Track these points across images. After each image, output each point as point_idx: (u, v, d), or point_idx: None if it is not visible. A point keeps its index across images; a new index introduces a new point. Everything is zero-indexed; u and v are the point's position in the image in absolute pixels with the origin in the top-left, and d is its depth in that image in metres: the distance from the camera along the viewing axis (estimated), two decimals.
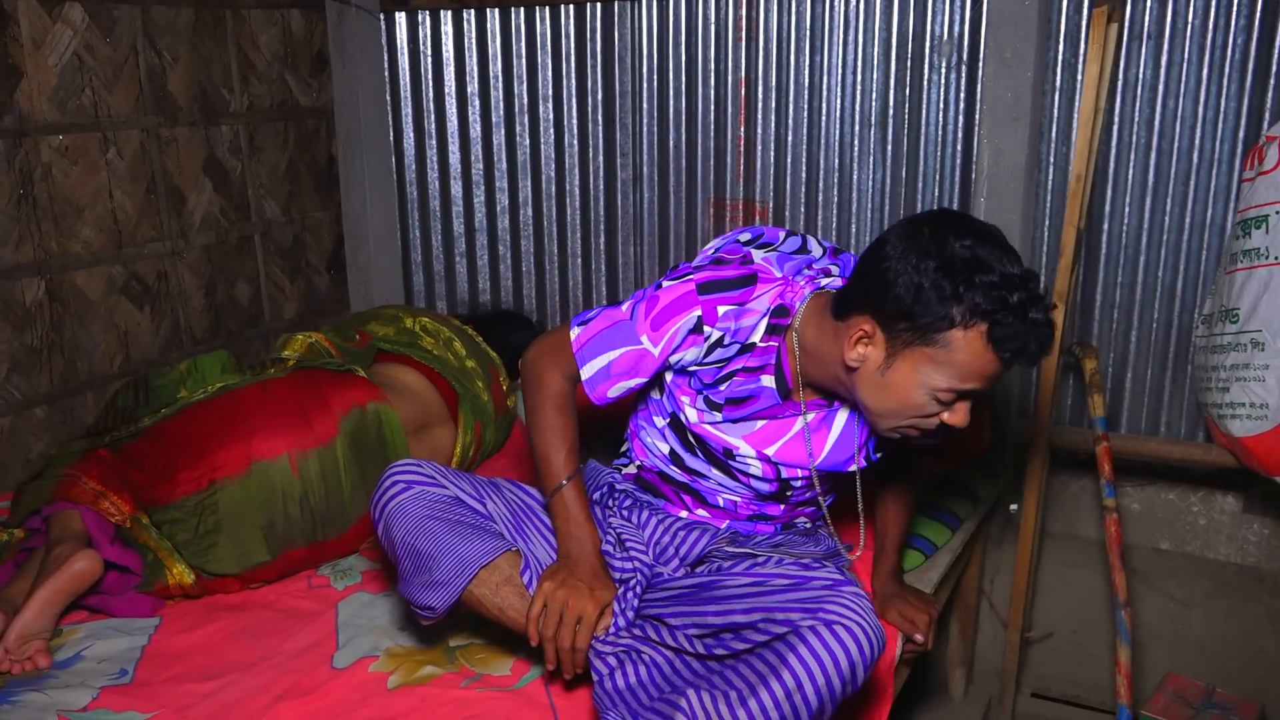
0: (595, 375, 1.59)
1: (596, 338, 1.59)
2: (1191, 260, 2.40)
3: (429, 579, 1.53)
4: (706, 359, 1.57)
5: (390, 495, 1.59)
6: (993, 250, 1.37)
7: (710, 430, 1.63)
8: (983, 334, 1.35)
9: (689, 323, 1.53)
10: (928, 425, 1.47)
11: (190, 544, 1.86)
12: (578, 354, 1.60)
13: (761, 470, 1.65)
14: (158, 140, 2.60)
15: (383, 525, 1.59)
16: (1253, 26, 2.24)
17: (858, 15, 2.58)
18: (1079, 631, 2.57)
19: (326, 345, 2.21)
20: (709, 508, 1.73)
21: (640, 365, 1.58)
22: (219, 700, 1.58)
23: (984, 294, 1.34)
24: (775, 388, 1.59)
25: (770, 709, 1.34)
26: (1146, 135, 2.40)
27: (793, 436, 1.63)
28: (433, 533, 1.54)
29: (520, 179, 3.06)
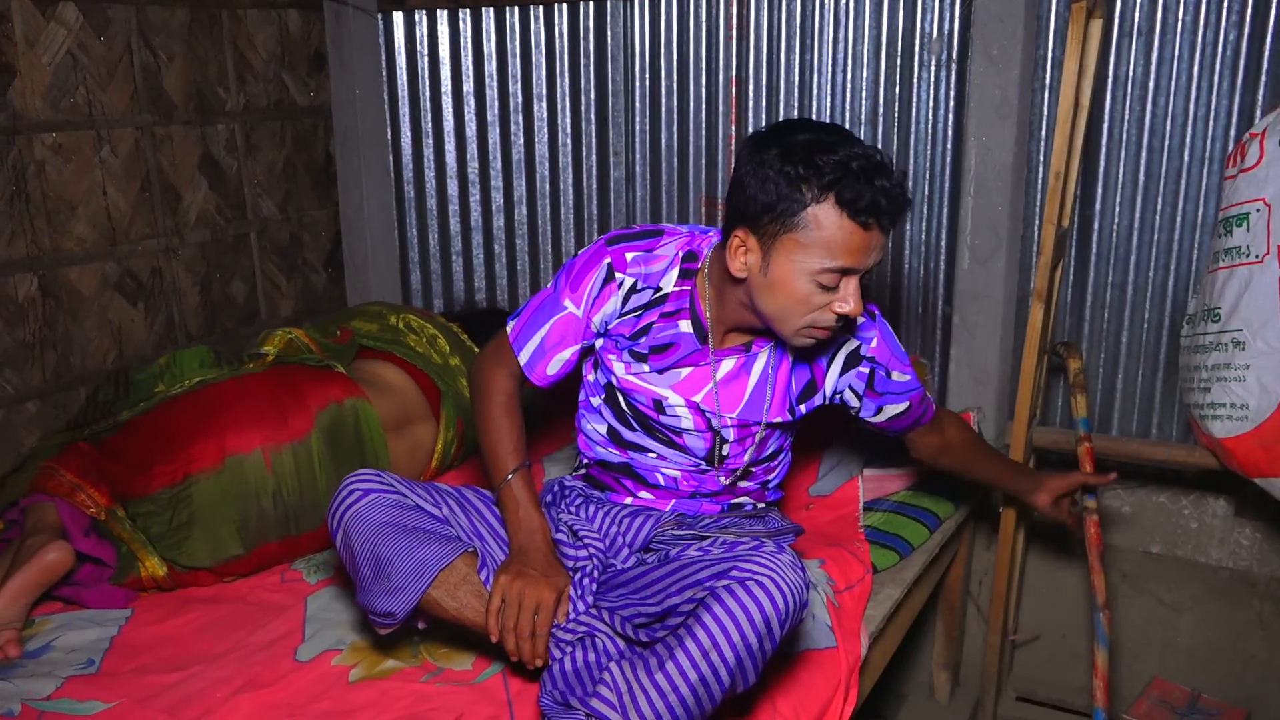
0: (532, 356, 1.68)
1: (528, 321, 1.69)
2: (1183, 260, 2.36)
3: (387, 585, 1.54)
4: (624, 310, 1.64)
5: (348, 504, 1.60)
6: (831, 135, 1.45)
7: (638, 382, 1.67)
8: (834, 204, 1.42)
9: (601, 273, 1.63)
10: (825, 320, 1.51)
11: (164, 537, 1.88)
12: (514, 343, 1.69)
13: (692, 421, 1.67)
14: (152, 138, 2.63)
15: (341, 534, 1.60)
16: (1244, 24, 2.21)
17: (848, 13, 2.57)
18: (1067, 635, 2.53)
19: (306, 341, 2.23)
20: (650, 488, 1.74)
21: (569, 330, 1.66)
22: (180, 691, 1.60)
23: (829, 168, 1.41)
24: (693, 332, 1.64)
25: (688, 669, 1.35)
26: (1137, 133, 2.37)
27: (716, 383, 1.66)
28: (390, 539, 1.55)
29: (515, 178, 3.07)
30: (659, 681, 1.36)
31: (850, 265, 1.46)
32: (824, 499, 2.17)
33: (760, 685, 1.48)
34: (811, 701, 1.57)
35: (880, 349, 1.69)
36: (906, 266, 2.63)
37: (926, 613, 2.49)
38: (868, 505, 2.12)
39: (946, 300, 2.58)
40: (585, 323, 1.65)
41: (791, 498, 2.17)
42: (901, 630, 2.05)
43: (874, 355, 1.68)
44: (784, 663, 1.60)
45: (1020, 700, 2.45)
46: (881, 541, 2.00)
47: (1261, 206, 1.83)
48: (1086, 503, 2.11)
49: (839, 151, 1.42)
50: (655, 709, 1.36)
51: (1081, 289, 2.48)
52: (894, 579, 1.95)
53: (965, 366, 2.50)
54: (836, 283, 1.47)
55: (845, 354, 1.69)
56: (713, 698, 1.37)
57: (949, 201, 2.56)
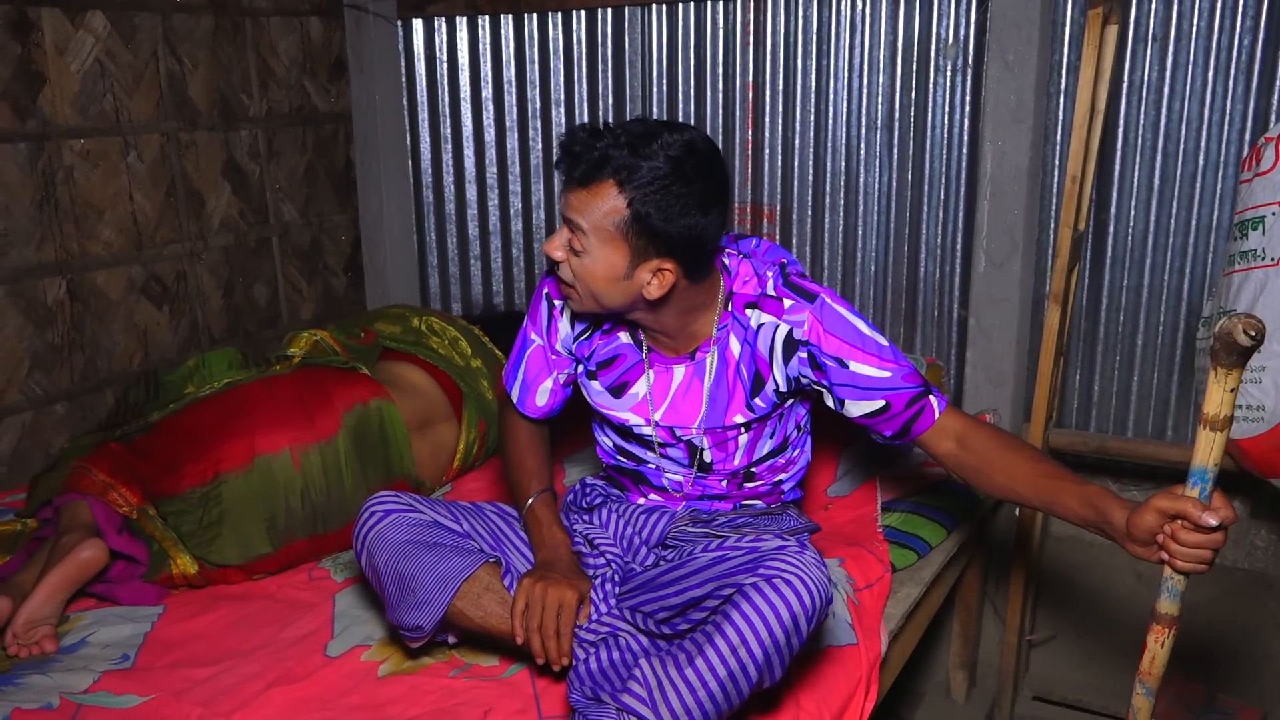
0: (520, 392, 1.81)
1: (513, 361, 1.82)
2: (1197, 263, 2.38)
3: (413, 600, 1.58)
4: (577, 333, 1.73)
5: (370, 525, 1.64)
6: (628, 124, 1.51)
7: (605, 409, 1.74)
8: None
9: (544, 304, 1.74)
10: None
11: (194, 535, 1.92)
12: (505, 382, 1.83)
13: (659, 436, 1.71)
14: (177, 144, 2.67)
15: (365, 556, 1.64)
16: (1258, 29, 2.23)
17: (864, 19, 2.60)
18: (1083, 635, 2.55)
19: (332, 343, 2.26)
20: (659, 491, 1.79)
21: (541, 362, 1.77)
22: (214, 685, 1.63)
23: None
24: (630, 340, 1.70)
25: (717, 665, 1.38)
26: (1152, 137, 2.39)
27: (672, 396, 1.69)
28: (413, 555, 1.60)
29: (533, 183, 3.10)
30: (689, 677, 1.38)
31: (566, 217, 1.53)
32: (842, 499, 2.19)
33: (784, 681, 1.50)
34: (834, 697, 1.59)
35: (814, 331, 1.60)
36: (922, 269, 2.65)
37: (943, 613, 2.51)
38: (885, 506, 2.14)
39: (962, 304, 2.61)
40: (552, 351, 1.75)
41: (810, 498, 2.19)
42: (920, 629, 2.07)
43: (807, 338, 1.60)
44: (807, 659, 1.62)
45: (1036, 700, 2.47)
46: (900, 541, 2.02)
47: (1277, 210, 1.85)
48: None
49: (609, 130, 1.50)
50: (685, 704, 1.38)
51: (1097, 292, 2.50)
52: (912, 578, 1.97)
53: (981, 369, 2.52)
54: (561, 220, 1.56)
55: (781, 340, 1.62)
56: (740, 693, 1.40)
57: (964, 205, 2.58)
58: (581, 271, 1.54)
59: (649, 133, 1.47)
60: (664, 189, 1.45)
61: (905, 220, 2.65)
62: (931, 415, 1.62)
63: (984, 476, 1.60)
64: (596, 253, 1.51)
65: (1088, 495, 1.44)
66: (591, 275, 1.53)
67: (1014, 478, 1.55)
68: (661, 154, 1.45)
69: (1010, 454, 1.57)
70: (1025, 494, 1.55)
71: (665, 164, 1.45)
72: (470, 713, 1.55)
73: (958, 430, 1.62)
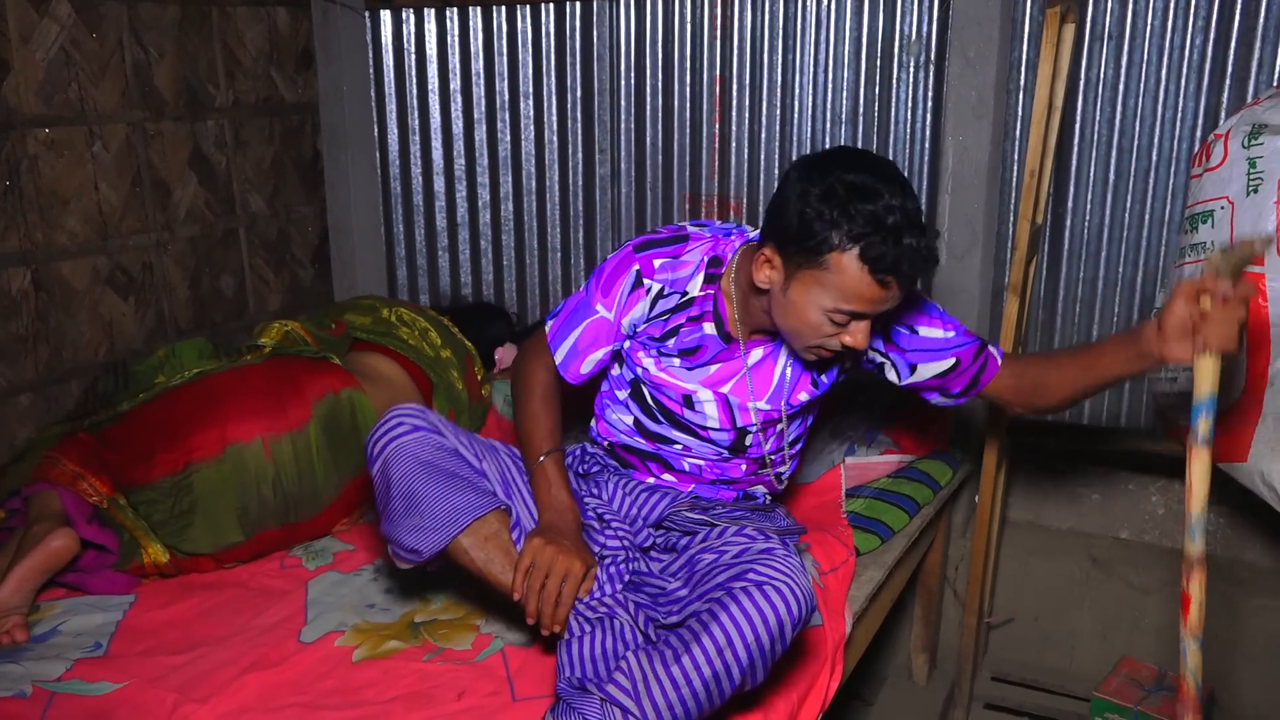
0: (566, 356, 1.76)
1: (563, 323, 1.77)
2: (1151, 255, 2.46)
3: (419, 523, 1.57)
4: (652, 314, 1.71)
5: (393, 434, 1.63)
6: (878, 180, 1.47)
7: (667, 378, 1.74)
8: (857, 256, 1.46)
9: (630, 279, 1.69)
10: (832, 345, 1.58)
11: (166, 524, 1.92)
12: (550, 342, 1.77)
13: (718, 417, 1.74)
14: (143, 134, 2.66)
15: (380, 462, 1.63)
16: (1210, 29, 2.30)
17: (829, 15, 2.64)
18: (1040, 618, 2.62)
19: (302, 333, 2.27)
20: (675, 473, 1.82)
21: (601, 333, 1.73)
22: (189, 672, 1.64)
23: (860, 219, 1.45)
24: (716, 334, 1.71)
25: (702, 664, 1.41)
26: (1108, 133, 2.45)
27: (742, 376, 1.73)
28: (430, 478, 1.59)
29: (501, 175, 3.11)
30: (674, 674, 1.41)
31: (862, 311, 1.52)
32: (807, 486, 2.24)
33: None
34: (800, 677, 1.64)
35: None
36: None
37: (905, 597, 2.57)
38: (850, 492, 2.19)
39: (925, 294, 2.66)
40: (616, 326, 1.72)
41: None
42: (883, 611, 2.12)
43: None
44: None
45: (995, 680, 2.54)
46: (864, 526, 2.07)
47: (1225, 204, 1.92)
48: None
49: (877, 202, 1.45)
50: (668, 699, 1.41)
51: (1054, 284, 2.57)
52: (876, 561, 2.02)
53: None
54: (848, 322, 1.54)
55: None
56: (723, 693, 1.43)
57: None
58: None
59: (907, 187, 1.50)
60: None
61: None
62: (995, 364, 1.75)
63: (1042, 391, 1.72)
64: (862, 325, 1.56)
65: (1118, 339, 1.61)
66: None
67: (1066, 375, 1.69)
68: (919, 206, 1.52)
69: (1051, 362, 1.73)
70: (1083, 381, 1.67)
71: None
72: (445, 695, 1.58)
73: (1013, 368, 1.75)
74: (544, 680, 1.61)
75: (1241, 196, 1.89)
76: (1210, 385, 1.39)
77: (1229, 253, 1.35)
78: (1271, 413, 1.86)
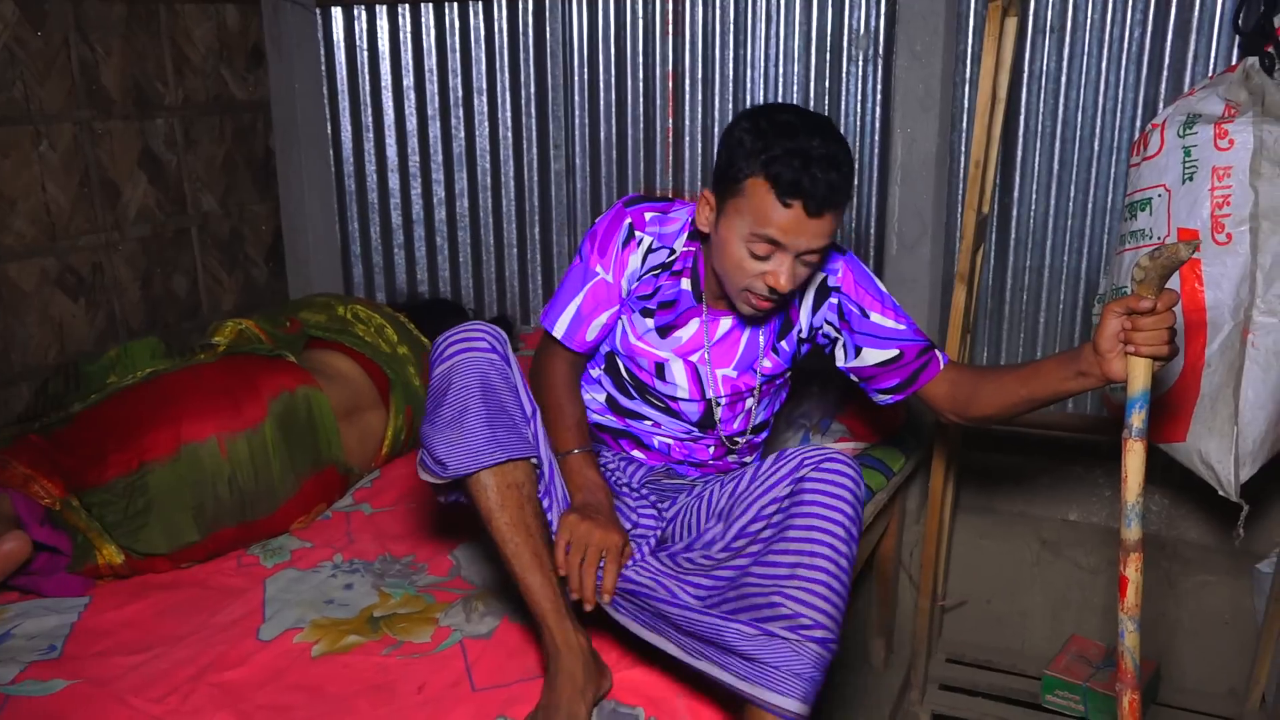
0: (569, 327, 1.78)
1: (559, 296, 1.80)
2: (1094, 243, 2.51)
3: (457, 438, 1.52)
4: (644, 270, 1.76)
5: (472, 344, 1.58)
6: (802, 122, 1.55)
7: (644, 346, 1.78)
8: (764, 177, 1.53)
9: (623, 233, 1.75)
10: (759, 288, 1.62)
11: (120, 525, 1.91)
12: (545, 320, 1.80)
13: (687, 386, 1.78)
14: (91, 133, 2.63)
15: (448, 364, 1.57)
16: (1147, 22, 2.36)
17: (779, 10, 2.67)
18: (992, 600, 2.68)
19: (257, 332, 2.26)
20: (644, 449, 1.86)
21: (603, 296, 1.77)
22: (145, 671, 1.63)
23: (776, 148, 1.52)
24: (690, 290, 1.77)
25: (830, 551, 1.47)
26: (1052, 124, 2.51)
27: (716, 341, 1.78)
28: (485, 402, 1.54)
29: (456, 171, 3.11)
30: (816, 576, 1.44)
31: (776, 238, 1.55)
32: None
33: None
34: None
35: (846, 279, 1.77)
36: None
37: (862, 584, 2.62)
38: None
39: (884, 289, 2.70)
40: (617, 287, 1.77)
41: None
42: None
43: (840, 285, 1.77)
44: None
45: (950, 661, 2.59)
46: None
47: (1162, 192, 1.97)
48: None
49: (796, 138, 1.52)
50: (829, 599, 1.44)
51: (1002, 272, 2.62)
52: None
53: None
54: (768, 254, 1.58)
55: (815, 287, 1.79)
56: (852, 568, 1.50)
57: (877, 191, 2.68)
58: (807, 278, 1.65)
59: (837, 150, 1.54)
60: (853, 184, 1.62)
61: None
62: (937, 367, 1.78)
63: (978, 401, 1.74)
64: (822, 257, 1.63)
65: (1060, 357, 1.61)
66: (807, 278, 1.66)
67: (1002, 388, 1.70)
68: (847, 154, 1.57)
69: (988, 373, 1.76)
70: (1018, 395, 1.68)
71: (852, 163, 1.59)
72: (405, 687, 1.59)
73: (950, 376, 1.78)
74: (502, 670, 1.62)
75: (1177, 184, 1.95)
76: (1143, 382, 1.44)
77: (1156, 258, 1.39)
78: (1208, 394, 1.92)
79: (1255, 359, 1.87)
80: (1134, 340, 1.43)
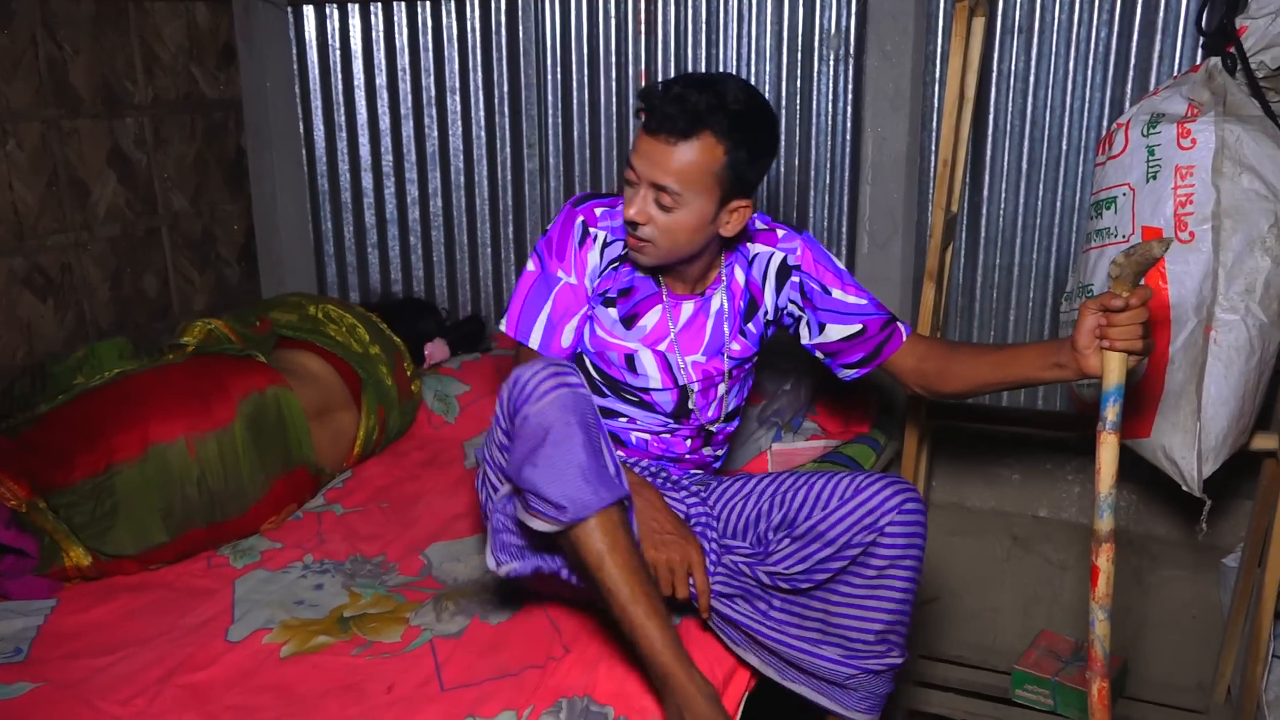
0: (543, 336, 1.75)
1: (525, 307, 1.76)
2: (1063, 242, 2.54)
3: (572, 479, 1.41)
4: (604, 265, 1.75)
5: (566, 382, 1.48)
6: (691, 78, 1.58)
7: (610, 339, 1.77)
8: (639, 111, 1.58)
9: (578, 232, 1.73)
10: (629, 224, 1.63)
11: (87, 526, 1.90)
12: (516, 334, 1.76)
13: (659, 376, 1.77)
14: (59, 132, 2.60)
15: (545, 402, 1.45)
16: (1114, 22, 2.38)
17: (751, 9, 2.68)
18: (964, 596, 2.70)
19: (226, 332, 2.25)
20: (623, 447, 1.85)
21: (571, 299, 1.75)
22: (113, 673, 1.62)
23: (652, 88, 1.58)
24: (650, 276, 1.76)
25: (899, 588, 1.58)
26: (1020, 124, 2.53)
27: (681, 327, 1.78)
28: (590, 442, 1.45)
29: (430, 170, 3.11)
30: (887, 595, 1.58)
31: (631, 159, 1.58)
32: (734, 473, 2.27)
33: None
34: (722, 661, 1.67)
35: (805, 258, 1.79)
36: None
37: None
38: None
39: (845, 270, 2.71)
40: (581, 288, 1.75)
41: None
42: None
43: (800, 264, 1.79)
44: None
45: (922, 658, 2.60)
46: None
47: (1127, 191, 1.99)
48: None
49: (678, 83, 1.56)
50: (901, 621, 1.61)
51: (973, 271, 2.64)
52: None
53: None
54: (630, 179, 1.60)
55: (775, 267, 1.80)
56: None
57: (849, 189, 2.69)
58: (670, 225, 1.61)
59: (716, 81, 1.56)
60: (753, 131, 1.58)
61: (793, 204, 2.75)
62: (900, 338, 1.81)
63: (948, 377, 1.78)
64: (692, 204, 1.59)
65: (1039, 346, 1.67)
66: (682, 227, 1.61)
67: (975, 367, 1.75)
68: (743, 98, 1.56)
69: (962, 350, 1.80)
70: (990, 375, 1.73)
71: (749, 109, 1.57)
72: (375, 687, 1.59)
73: (918, 348, 1.81)
74: (472, 669, 1.62)
75: (1141, 183, 1.97)
76: (1118, 377, 1.48)
77: (1131, 255, 1.44)
78: (1172, 391, 1.94)
79: (1217, 355, 1.89)
80: (1109, 336, 1.48)
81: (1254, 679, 2.07)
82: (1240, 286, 1.89)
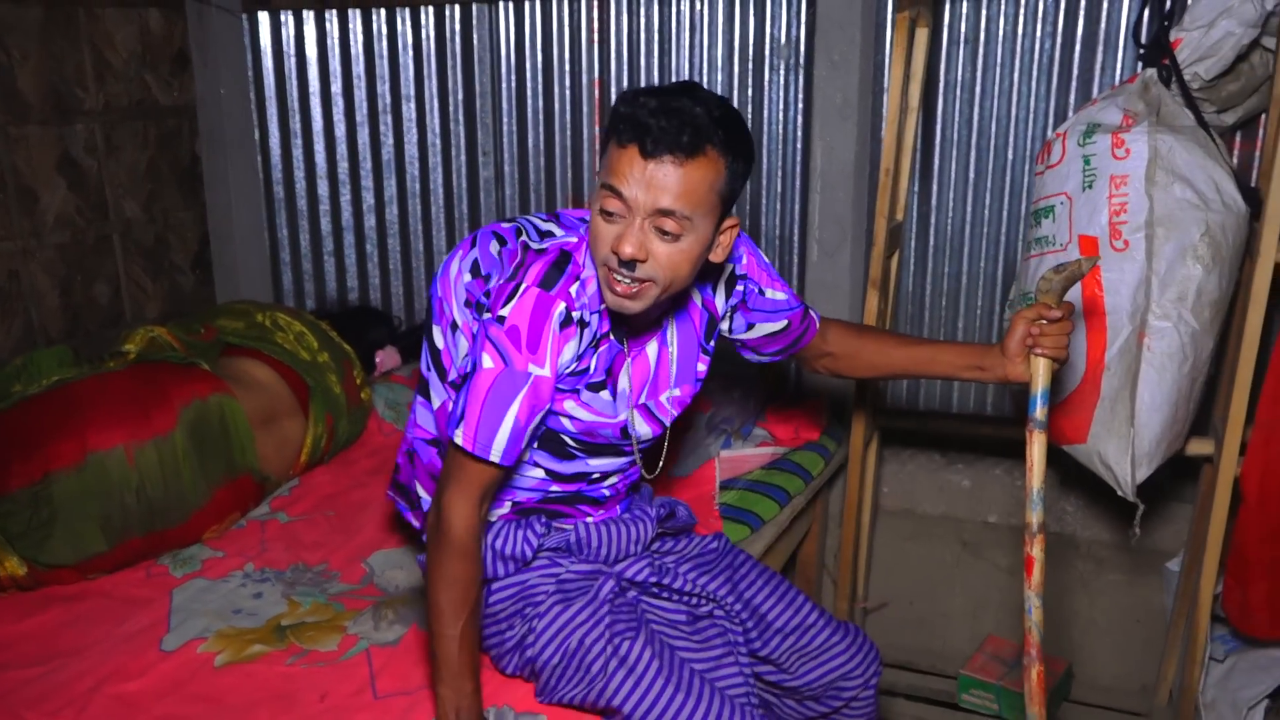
0: (509, 443, 1.43)
1: (486, 410, 1.42)
2: (1010, 250, 2.56)
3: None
4: (583, 347, 1.48)
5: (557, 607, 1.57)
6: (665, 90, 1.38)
7: (606, 420, 1.57)
8: (611, 132, 1.37)
9: (559, 318, 1.43)
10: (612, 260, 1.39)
11: (24, 536, 1.88)
12: (475, 448, 1.42)
13: (649, 428, 1.64)
14: (6, 138, 2.58)
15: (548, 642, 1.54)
16: (1057, 34, 2.41)
17: (702, 19, 2.70)
18: (914, 601, 2.72)
19: (169, 339, 2.24)
20: (593, 505, 1.69)
21: (540, 394, 1.45)
22: (43, 685, 1.61)
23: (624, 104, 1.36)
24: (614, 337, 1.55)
25: None
26: (967, 133, 2.55)
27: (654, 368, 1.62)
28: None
29: (385, 178, 3.10)
30: None
31: (618, 187, 1.35)
32: (683, 480, 2.28)
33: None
34: None
35: (751, 265, 1.70)
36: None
37: None
38: (724, 484, 2.24)
39: (798, 290, 2.74)
40: (554, 378, 1.46)
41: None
42: None
43: (746, 272, 1.70)
44: None
45: None
46: (735, 517, 2.12)
47: (1064, 200, 2.02)
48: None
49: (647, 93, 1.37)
50: None
51: (923, 279, 2.66)
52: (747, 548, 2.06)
53: None
54: (617, 212, 1.37)
55: (725, 278, 1.68)
56: None
57: (800, 198, 2.71)
58: (675, 257, 1.39)
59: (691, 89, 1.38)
60: (742, 140, 1.40)
61: (745, 212, 2.77)
62: (815, 328, 1.82)
63: (859, 361, 1.83)
64: (699, 228, 1.38)
65: (961, 348, 1.72)
66: (686, 257, 1.40)
67: (886, 354, 1.80)
68: (720, 105, 1.39)
69: (871, 337, 1.84)
70: (902, 365, 1.80)
71: (730, 116, 1.39)
72: (307, 696, 1.58)
73: (828, 334, 1.84)
74: (406, 677, 1.62)
75: (1078, 192, 2.00)
76: (1045, 380, 1.58)
77: (1060, 272, 1.53)
78: (1107, 396, 1.96)
79: (1151, 362, 1.92)
80: (1040, 344, 1.57)
81: (1191, 682, 2.10)
82: (1173, 294, 1.91)
